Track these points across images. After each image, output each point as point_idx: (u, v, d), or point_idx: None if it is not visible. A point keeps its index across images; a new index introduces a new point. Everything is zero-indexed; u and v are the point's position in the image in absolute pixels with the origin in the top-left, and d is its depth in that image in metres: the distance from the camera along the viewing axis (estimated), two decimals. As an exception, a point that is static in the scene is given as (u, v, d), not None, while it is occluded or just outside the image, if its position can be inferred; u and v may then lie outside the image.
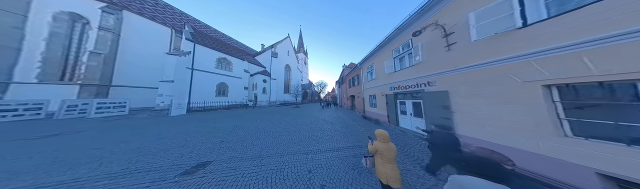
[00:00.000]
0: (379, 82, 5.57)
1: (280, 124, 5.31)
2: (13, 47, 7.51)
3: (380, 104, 5.37)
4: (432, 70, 2.87)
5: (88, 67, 8.46)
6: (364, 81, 7.42)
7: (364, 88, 7.57)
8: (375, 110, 5.95)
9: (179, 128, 4.49)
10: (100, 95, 8.70)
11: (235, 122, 5.52)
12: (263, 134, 3.91)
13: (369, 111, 6.76)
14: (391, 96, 4.53)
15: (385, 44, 4.85)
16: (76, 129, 4.32)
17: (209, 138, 3.49)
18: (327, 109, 11.93)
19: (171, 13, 13.30)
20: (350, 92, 11.14)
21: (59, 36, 8.44)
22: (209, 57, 10.94)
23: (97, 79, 8.57)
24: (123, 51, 9.67)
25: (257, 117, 6.90)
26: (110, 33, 9.15)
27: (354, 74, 9.76)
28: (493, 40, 1.90)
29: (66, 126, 4.74)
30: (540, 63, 1.48)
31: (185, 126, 4.87)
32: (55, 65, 8.30)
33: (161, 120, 6.02)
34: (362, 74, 7.76)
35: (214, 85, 11.19)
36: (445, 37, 2.51)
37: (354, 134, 3.80)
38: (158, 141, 3.19)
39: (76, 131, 4.06)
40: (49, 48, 8.14)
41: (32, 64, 7.77)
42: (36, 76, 7.85)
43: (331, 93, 46.09)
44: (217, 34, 17.87)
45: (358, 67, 8.41)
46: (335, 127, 4.63)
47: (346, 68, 13.32)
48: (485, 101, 2.01)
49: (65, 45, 8.62)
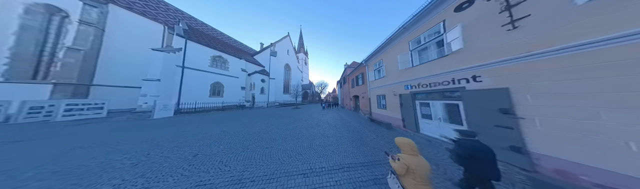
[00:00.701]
0: (389, 81, 4.80)
1: (276, 128, 4.51)
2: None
3: (392, 106, 4.58)
4: (480, 59, 2.09)
5: (64, 65, 7.55)
6: (370, 79, 6.66)
7: (370, 88, 6.81)
8: (384, 112, 5.16)
9: (150, 135, 3.61)
10: (79, 95, 7.77)
11: (224, 127, 4.67)
12: (253, 142, 3.09)
13: (376, 113, 5.97)
14: (407, 96, 3.74)
15: (398, 35, 4.07)
16: (11, 138, 3.32)
17: (180, 150, 2.64)
18: (329, 111, 11.12)
19: (165, 9, 12.49)
20: (354, 92, 10.37)
21: (32, 30, 7.54)
22: (202, 55, 10.07)
23: (75, 77, 7.65)
24: (108, 47, 8.80)
25: (251, 120, 6.04)
26: (92, 28, 8.29)
27: (358, 72, 9.02)
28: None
29: (8, 132, 3.76)
30: None
31: (162, 131, 4.00)
32: (27, 62, 7.36)
33: (138, 124, 5.14)
34: (368, 73, 7.02)
35: (208, 84, 10.28)
36: (507, 10, 1.75)
37: (365, 143, 3.00)
38: (105, 157, 2.32)
39: (8, 141, 3.06)
40: (19, 43, 7.25)
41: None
42: (2, 73, 6.96)
43: (332, 94, 45.40)
44: (214, 33, 17.02)
45: (363, 65, 7.66)
46: (340, 133, 3.85)
47: (349, 67, 12.60)
48: (589, 102, 1.27)
49: (40, 40, 7.72)
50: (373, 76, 6.33)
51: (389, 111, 4.85)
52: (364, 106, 7.88)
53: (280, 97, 18.08)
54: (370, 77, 6.71)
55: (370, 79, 6.66)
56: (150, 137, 3.39)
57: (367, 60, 6.82)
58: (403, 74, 3.98)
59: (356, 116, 7.96)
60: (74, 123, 5.34)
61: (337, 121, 6.00)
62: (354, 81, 10.08)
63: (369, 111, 6.69)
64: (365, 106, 7.73)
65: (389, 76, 4.92)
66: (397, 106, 4.19)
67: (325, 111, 10.52)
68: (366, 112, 7.38)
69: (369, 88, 6.90)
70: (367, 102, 7.10)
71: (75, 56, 7.72)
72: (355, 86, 10.06)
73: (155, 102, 6.46)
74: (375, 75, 6.20)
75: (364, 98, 8.01)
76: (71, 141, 3.08)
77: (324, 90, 34.67)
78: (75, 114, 6.01)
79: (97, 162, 2.13)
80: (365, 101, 7.77)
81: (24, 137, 3.31)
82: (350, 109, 11.61)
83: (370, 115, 6.52)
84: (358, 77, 9.10)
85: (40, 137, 3.41)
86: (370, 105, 6.71)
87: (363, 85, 8.11)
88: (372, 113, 6.51)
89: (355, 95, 10.05)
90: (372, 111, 6.54)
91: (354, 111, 10.65)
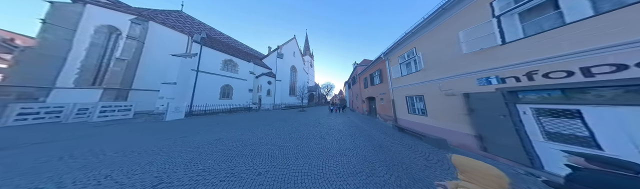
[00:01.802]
0: (433, 74, 3.10)
1: (278, 137, 3.39)
2: (61, 56, 8.50)
3: (440, 112, 2.86)
4: None
5: (112, 73, 8.93)
6: (393, 76, 4.98)
7: (393, 87, 5.07)
8: (423, 120, 3.40)
9: (145, 141, 3.01)
10: (120, 98, 8.88)
11: (221, 133, 3.84)
12: (244, 160, 1.98)
13: (406, 120, 4.17)
14: (491, 96, 2.02)
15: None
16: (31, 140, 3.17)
17: (148, 171, 1.70)
18: (337, 114, 9.46)
19: (191, 23, 14.19)
20: (367, 93, 8.56)
21: (97, 46, 9.35)
22: (215, 59, 10.31)
23: (118, 83, 8.81)
24: (145, 56, 10.24)
25: (253, 125, 5.12)
26: (135, 41, 9.71)
27: (373, 70, 7.32)
28: None
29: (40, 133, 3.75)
30: None
31: (160, 137, 3.37)
32: (90, 71, 9.00)
33: (148, 127, 4.83)
34: (389, 68, 5.33)
35: (219, 87, 10.38)
36: None
37: (410, 173, 1.53)
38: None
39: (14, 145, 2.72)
40: (87, 57, 9.02)
41: (72, 71, 8.53)
42: (74, 81, 8.63)
43: (338, 95, 43.15)
44: (229, 40, 18.47)
45: (381, 60, 5.99)
46: (362, 149, 2.40)
47: (359, 65, 11.00)
48: None
49: (100, 54, 9.52)
50: (398, 71, 4.61)
51: (433, 119, 3.07)
52: (384, 110, 6.02)
53: (286, 99, 17.35)
54: (393, 74, 4.99)
55: (394, 75, 4.94)
56: (139, 146, 2.76)
57: (387, 53, 5.12)
58: (472, 61, 2.27)
59: (372, 121, 6.15)
60: (101, 124, 5.63)
61: (351, 129, 4.52)
62: (367, 80, 8.34)
63: (393, 116, 4.87)
64: (385, 110, 5.86)
65: (431, 68, 3.19)
66: (454, 112, 2.47)
67: (334, 115, 8.90)
68: (387, 117, 5.49)
69: (390, 87, 5.13)
70: (389, 105, 5.30)
71: (120, 65, 9.02)
72: (368, 85, 8.30)
73: (168, 104, 6.54)
74: (402, 70, 4.46)
75: (383, 100, 6.21)
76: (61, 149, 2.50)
77: (330, 92, 32.96)
78: (108, 116, 6.61)
79: None
80: (385, 103, 5.95)
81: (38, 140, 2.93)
82: (363, 113, 9.65)
83: (396, 122, 4.70)
84: (373, 76, 7.37)
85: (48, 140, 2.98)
86: (395, 109, 4.89)
87: (381, 84, 6.35)
88: (398, 119, 4.65)
89: (370, 96, 8.22)
90: (398, 117, 4.69)
91: (368, 115, 8.69)
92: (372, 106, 8.22)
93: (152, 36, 10.38)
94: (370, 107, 8.57)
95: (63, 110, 6.25)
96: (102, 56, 9.31)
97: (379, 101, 6.60)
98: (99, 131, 4.29)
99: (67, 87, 8.14)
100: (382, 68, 5.93)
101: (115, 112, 6.63)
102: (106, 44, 9.49)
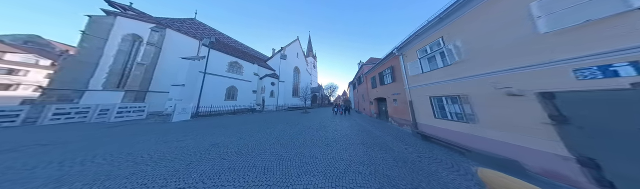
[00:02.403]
0: (482, 67, 2.31)
1: (278, 143, 2.88)
2: (93, 62, 9.65)
3: (502, 119, 2.02)
4: None
5: (133, 76, 9.79)
6: (411, 73, 4.15)
7: (410, 86, 4.22)
8: (466, 128, 2.51)
9: (136, 145, 2.74)
10: (138, 99, 9.54)
11: (220, 137, 3.48)
12: (234, 176, 1.46)
13: (434, 127, 3.28)
14: (625, 95, 1.19)
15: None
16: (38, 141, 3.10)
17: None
18: (342, 117, 8.67)
19: (203, 29, 15.19)
20: (376, 93, 7.71)
21: (122, 52, 10.42)
22: (221, 61, 10.46)
23: (137, 85, 9.54)
24: (161, 61, 11.07)
25: (254, 128, 4.71)
26: (154, 47, 10.61)
27: (383, 68, 6.52)
28: None
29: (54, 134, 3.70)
30: None
31: (155, 140, 3.09)
32: (115, 75, 10.01)
33: (152, 128, 4.69)
34: (403, 65, 4.50)
35: (224, 89, 10.42)
36: None
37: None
38: None
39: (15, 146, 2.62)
40: (114, 62, 10.07)
41: (101, 75, 9.55)
42: (102, 84, 9.63)
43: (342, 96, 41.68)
44: (236, 44, 19.30)
45: (393, 56, 5.25)
46: (384, 167, 1.65)
47: (365, 64, 10.22)
48: None
49: (125, 59, 10.56)
50: (417, 67, 3.78)
51: (481, 128, 2.19)
52: (398, 113, 5.12)
53: (289, 100, 16.99)
54: (410, 71, 4.17)
55: (411, 73, 4.13)
56: (133, 150, 2.52)
57: (401, 47, 4.34)
58: (559, 43, 1.48)
59: (384, 126, 5.32)
60: (120, 124, 5.63)
61: (361, 134, 3.81)
62: (376, 79, 7.51)
63: (412, 120, 4.00)
64: (399, 113, 4.98)
65: (474, 60, 2.37)
66: (525, 119, 1.67)
67: (339, 118, 8.15)
68: (403, 122, 4.63)
69: (406, 87, 4.29)
70: (405, 107, 4.44)
71: (140, 69, 9.79)
72: (377, 85, 7.46)
73: (175, 106, 6.67)
74: (422, 66, 3.64)
75: (396, 101, 5.35)
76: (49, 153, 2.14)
77: (334, 93, 31.98)
78: (123, 116, 6.99)
79: None
80: (399, 105, 5.08)
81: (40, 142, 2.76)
82: (371, 116, 8.71)
83: (416, 127, 3.85)
84: (383, 74, 6.55)
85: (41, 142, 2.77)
86: (413, 112, 4.03)
87: (393, 83, 5.49)
88: (419, 125, 3.78)
89: (379, 97, 7.34)
90: (418, 122, 3.81)
91: (377, 118, 7.76)
92: (382, 108, 7.35)
93: (168, 42, 11.16)
94: (380, 110, 7.69)
95: (89, 110, 6.79)
96: (126, 61, 10.23)
97: (391, 102, 5.77)
98: (109, 132, 4.26)
99: (96, 90, 9.04)
100: (395, 65, 5.16)
101: (130, 113, 6.96)
102: (130, 50, 10.46)
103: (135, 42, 10.67)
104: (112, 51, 9.82)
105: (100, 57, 9.51)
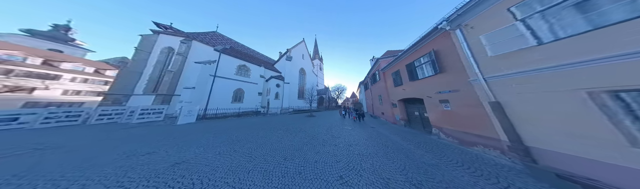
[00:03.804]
0: None
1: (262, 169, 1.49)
2: (139, 72, 11.84)
3: None
4: None
5: (164, 82, 11.27)
6: (491, 53, 2.23)
7: (488, 76, 2.29)
8: None
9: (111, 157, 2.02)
10: (165, 102, 10.81)
11: (197, 150, 2.60)
12: None
13: (609, 165, 1.25)
14: None
15: None
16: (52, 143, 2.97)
17: None
18: (355, 123, 6.82)
19: (221, 39, 17.15)
20: (403, 93, 5.58)
21: (160, 63, 12.46)
22: (230, 65, 10.88)
23: (165, 90, 10.97)
24: (186, 67, 12.55)
25: (247, 136, 3.74)
26: (181, 56, 12.27)
27: (415, 56, 4.43)
28: None
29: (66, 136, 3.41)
30: None
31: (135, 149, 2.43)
32: (153, 82, 11.90)
33: (151, 132, 4.41)
34: (465, 44, 2.63)
35: (232, 91, 10.54)
36: None
37: None
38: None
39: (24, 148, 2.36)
40: (153, 71, 12.06)
41: (142, 82, 11.66)
42: (143, 89, 11.52)
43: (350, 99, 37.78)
44: (249, 51, 20.98)
45: (441, 32, 3.32)
46: None
47: (383, 58, 8.28)
48: None
49: (160, 68, 12.54)
50: (521, 36, 1.98)
51: None
52: (457, 123, 3.05)
53: (294, 102, 16.05)
54: (493, 48, 2.26)
55: (496, 50, 2.21)
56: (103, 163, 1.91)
57: (457, 16, 2.62)
58: None
59: (424, 140, 3.37)
60: (136, 125, 5.81)
61: (397, 157, 2.06)
62: (401, 74, 5.52)
63: (508, 141, 2.00)
64: (460, 123, 2.93)
65: None
66: None
67: (351, 124, 6.47)
68: (473, 139, 2.56)
69: (476, 78, 2.38)
70: (472, 113, 2.45)
71: (169, 76, 11.24)
72: (403, 82, 5.45)
73: (182, 108, 6.71)
74: (539, 33, 1.82)
75: (449, 104, 3.26)
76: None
77: (341, 95, 29.40)
78: (144, 118, 7.62)
79: None
80: (458, 110, 3.03)
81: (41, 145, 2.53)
82: (394, 122, 6.44)
83: (525, 155, 1.77)
84: (413, 66, 4.56)
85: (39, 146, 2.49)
86: (511, 124, 2.00)
87: (440, 75, 3.53)
88: (536, 151, 1.76)
89: (408, 98, 5.31)
90: (534, 146, 1.81)
91: (406, 126, 5.58)
92: (415, 113, 5.25)
93: (193, 51, 12.60)
94: (410, 115, 5.58)
95: (123, 112, 7.66)
96: (161, 69, 12.02)
97: (436, 105, 3.76)
98: (118, 135, 4.09)
99: (138, 94, 10.72)
100: (442, 48, 3.35)
101: (150, 114, 7.46)
102: (165, 61, 12.30)
103: (169, 54, 12.43)
104: (152, 61, 11.63)
105: (144, 67, 11.36)
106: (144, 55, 11.53)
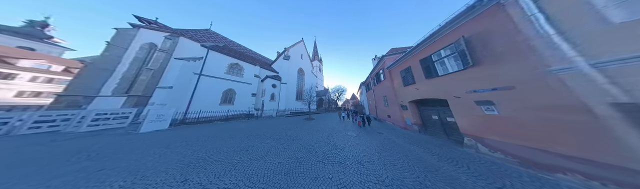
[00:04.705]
0: None
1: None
2: (110, 69, 10.04)
3: None
4: None
5: (138, 81, 9.67)
6: (620, 20, 1.34)
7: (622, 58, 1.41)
8: None
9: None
10: (139, 105, 9.14)
11: (123, 181, 1.32)
12: None
13: None
14: None
15: None
16: None
17: None
18: (359, 128, 5.73)
19: (215, 37, 16.02)
20: (416, 93, 4.78)
21: (138, 60, 10.87)
22: (221, 63, 9.74)
23: (141, 91, 9.33)
24: (170, 66, 11.08)
25: (229, 147, 2.60)
26: (164, 53, 10.83)
27: (436, 47, 3.78)
28: None
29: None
30: None
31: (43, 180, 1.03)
32: (126, 81, 10.21)
33: (73, 148, 2.91)
34: (534, 18, 1.96)
35: (221, 92, 9.34)
36: None
37: None
38: None
39: None
40: (129, 69, 10.41)
41: (114, 81, 9.85)
42: (113, 90, 9.69)
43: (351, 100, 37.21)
44: (245, 50, 19.81)
45: (488, 7, 2.74)
46: None
47: (388, 55, 7.65)
48: None
49: (138, 65, 10.92)
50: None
51: None
52: (498, 131, 2.24)
53: (291, 104, 14.70)
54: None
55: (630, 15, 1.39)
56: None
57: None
58: None
59: (453, 152, 2.60)
60: (83, 135, 4.32)
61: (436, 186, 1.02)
62: (413, 71, 4.85)
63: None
64: (550, 140, 2.02)
65: None
66: None
67: (354, 128, 5.60)
68: (522, 152, 1.66)
69: (580, 65, 1.64)
70: (538, 118, 1.63)
71: (147, 74, 9.68)
72: (416, 80, 4.76)
73: (149, 112, 5.31)
74: None
75: (495, 106, 2.49)
76: None
77: (341, 96, 28.52)
78: (99, 124, 5.47)
79: None
80: (518, 115, 2.25)
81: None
82: (404, 127, 5.53)
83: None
84: (429, 61, 3.92)
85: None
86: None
87: (477, 69, 2.85)
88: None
89: (421, 99, 4.50)
90: None
91: (422, 133, 4.72)
92: (433, 117, 4.37)
93: (180, 49, 11.24)
94: (426, 119, 4.70)
95: (72, 117, 5.90)
96: (139, 67, 10.44)
97: (471, 107, 2.92)
98: (42, 150, 2.79)
99: (105, 96, 8.97)
100: (487, 29, 2.69)
101: (109, 120, 5.89)
102: (145, 58, 10.80)
103: (151, 50, 10.97)
104: (129, 58, 10.08)
105: (118, 65, 9.76)
106: (118, 51, 9.98)
